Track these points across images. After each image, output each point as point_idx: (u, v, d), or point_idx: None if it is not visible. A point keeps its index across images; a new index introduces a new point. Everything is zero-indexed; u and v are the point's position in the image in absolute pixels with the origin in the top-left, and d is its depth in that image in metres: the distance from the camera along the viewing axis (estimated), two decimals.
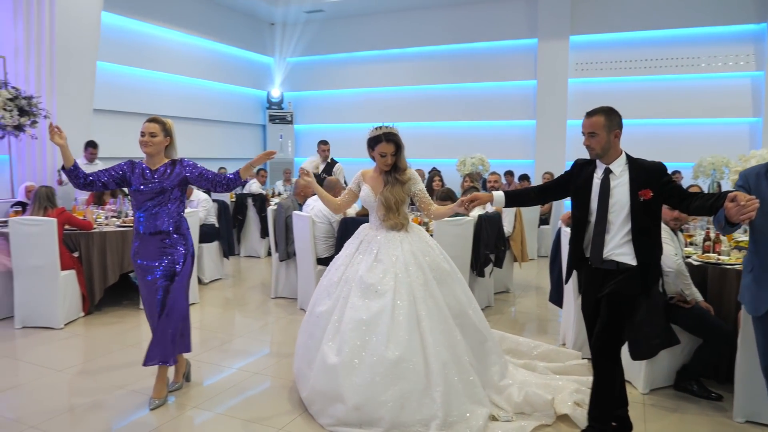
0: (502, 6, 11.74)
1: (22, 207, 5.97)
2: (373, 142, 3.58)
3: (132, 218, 6.19)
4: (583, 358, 4.07)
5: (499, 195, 3.25)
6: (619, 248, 2.88)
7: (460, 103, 12.34)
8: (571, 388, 3.53)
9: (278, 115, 13.70)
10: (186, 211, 5.95)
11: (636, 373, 3.84)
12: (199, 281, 6.48)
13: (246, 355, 4.57)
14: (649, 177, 2.84)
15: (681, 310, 3.72)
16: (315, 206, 5.67)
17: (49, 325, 5.12)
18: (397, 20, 12.70)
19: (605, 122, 2.89)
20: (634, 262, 2.86)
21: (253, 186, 9.46)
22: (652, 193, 2.80)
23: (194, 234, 5.99)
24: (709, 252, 4.28)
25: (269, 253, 8.61)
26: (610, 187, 2.89)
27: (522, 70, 11.73)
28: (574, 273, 3.25)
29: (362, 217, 5.01)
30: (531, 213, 7.75)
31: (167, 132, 3.64)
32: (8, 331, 5.07)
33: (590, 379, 3.41)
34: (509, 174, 10.32)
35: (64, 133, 3.47)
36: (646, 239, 2.85)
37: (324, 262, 5.44)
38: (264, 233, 8.74)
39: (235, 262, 8.46)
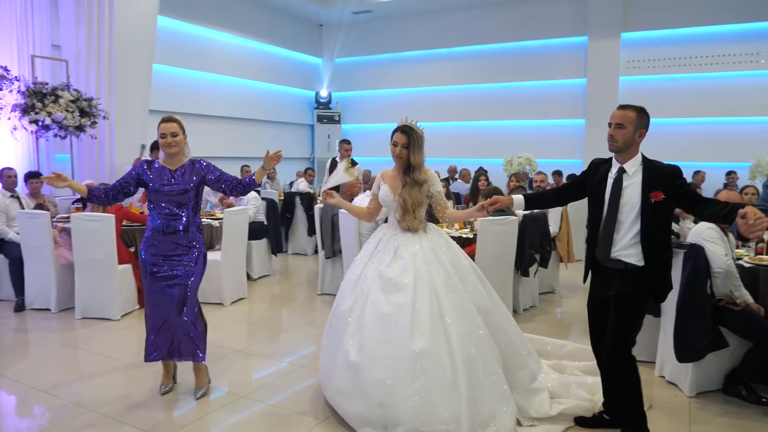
0: (550, 4, 11.60)
1: (82, 204, 6.25)
2: (392, 133, 3.60)
3: None
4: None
5: (518, 198, 3.26)
6: (627, 248, 2.87)
7: (507, 102, 12.26)
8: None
9: (326, 114, 13.90)
10: (236, 208, 6.16)
11: (682, 376, 3.76)
12: (248, 277, 6.66)
13: (292, 349, 4.68)
14: (663, 179, 2.82)
15: (730, 312, 3.62)
16: (362, 205, 5.74)
17: (107, 317, 5.37)
18: (445, 20, 12.70)
19: (635, 118, 2.89)
20: (642, 263, 2.85)
21: (301, 185, 9.63)
22: (664, 196, 2.79)
23: (244, 231, 6.18)
24: (762, 254, 4.15)
25: (316, 251, 8.74)
26: (622, 187, 2.89)
27: (571, 69, 11.57)
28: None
29: None
30: (578, 213, 7.64)
31: (184, 130, 3.61)
32: (69, 321, 5.35)
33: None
34: (557, 174, 10.17)
35: (66, 179, 3.40)
36: (654, 241, 2.83)
37: None
38: (311, 231, 8.89)
39: (283, 259, 8.63)
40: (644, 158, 2.93)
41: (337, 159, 7.33)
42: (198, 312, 3.70)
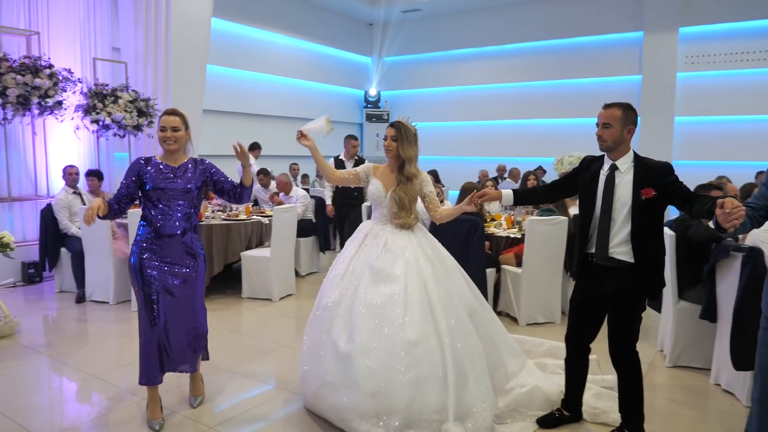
0: None
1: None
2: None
3: (237, 211, 6.58)
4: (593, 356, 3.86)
5: (507, 193, 3.31)
6: (620, 246, 2.88)
7: (559, 100, 12.02)
8: (592, 391, 3.49)
9: (375, 113, 13.95)
10: (285, 206, 6.27)
11: (740, 384, 3.61)
12: (296, 274, 6.77)
13: None
14: (654, 176, 2.83)
15: None
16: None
17: None
18: (495, 17, 12.56)
19: (621, 116, 2.88)
20: (633, 261, 2.87)
21: None
22: (654, 193, 2.80)
23: (292, 229, 6.28)
24: None
25: None
26: (614, 184, 2.90)
27: (625, 65, 11.25)
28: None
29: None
30: None
31: (187, 124, 3.33)
32: (126, 313, 5.56)
33: (604, 377, 3.64)
34: None
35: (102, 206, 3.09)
36: (645, 238, 2.84)
37: None
38: None
39: (331, 257, 8.71)
40: (636, 155, 2.93)
41: (342, 157, 6.82)
42: (205, 322, 3.49)
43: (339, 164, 6.03)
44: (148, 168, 3.24)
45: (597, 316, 3.08)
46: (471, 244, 5.04)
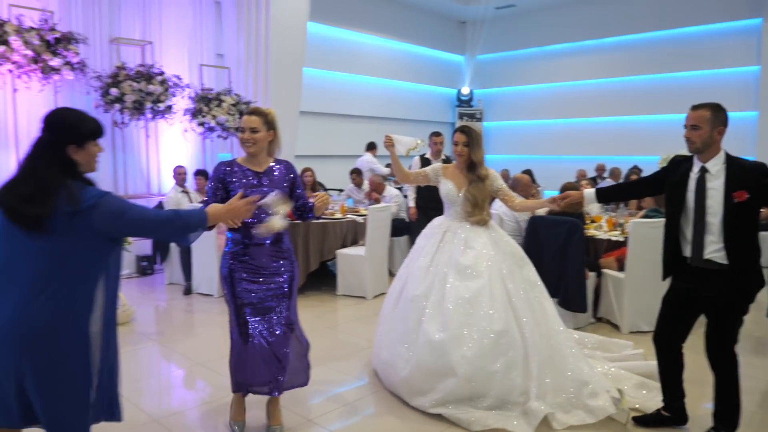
0: None
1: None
2: (452, 133, 3.81)
3: (333, 210, 6.71)
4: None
5: (589, 192, 3.35)
6: (715, 249, 2.82)
7: (664, 95, 11.36)
8: (634, 381, 3.65)
9: (468, 112, 13.83)
10: (379, 205, 6.33)
11: None
12: (390, 273, 6.81)
13: None
14: (747, 178, 2.75)
15: None
16: (503, 205, 5.64)
17: None
18: (594, 9, 12.07)
19: (710, 117, 2.82)
20: (728, 263, 2.81)
21: None
22: (748, 195, 2.72)
23: (386, 228, 6.33)
24: None
25: None
26: (706, 188, 2.85)
27: (741, 55, 10.45)
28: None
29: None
30: None
31: (270, 125, 3.05)
32: (224, 306, 5.81)
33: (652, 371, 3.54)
34: None
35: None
36: (738, 241, 2.78)
37: None
38: None
39: None
40: (728, 156, 2.86)
41: (428, 156, 6.33)
42: (301, 334, 3.29)
43: (425, 163, 5.95)
44: (233, 173, 3.00)
45: (689, 317, 3.06)
46: (570, 246, 4.86)
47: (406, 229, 7.47)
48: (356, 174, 8.29)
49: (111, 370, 2.22)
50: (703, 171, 2.86)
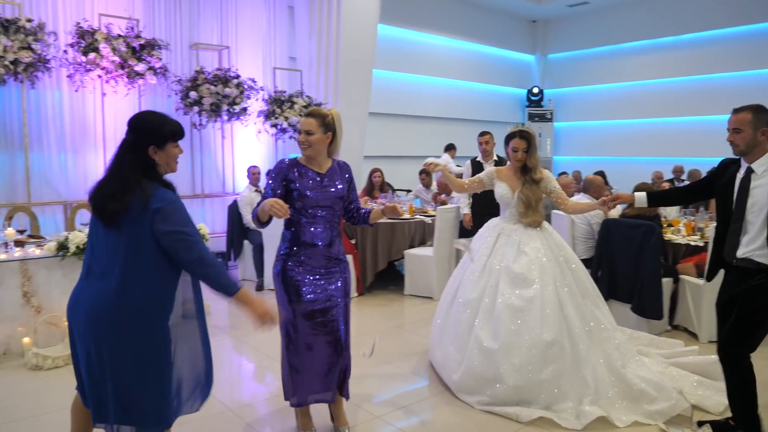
0: None
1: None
2: (507, 139, 3.80)
3: (401, 210, 6.74)
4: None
5: (641, 195, 3.35)
6: (760, 249, 2.82)
7: (747, 93, 10.69)
8: (693, 380, 3.62)
9: (537, 113, 13.57)
10: (448, 206, 6.32)
11: None
12: None
13: None
14: None
15: None
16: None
17: None
18: (673, 4, 11.58)
19: (752, 119, 2.86)
20: None
21: None
22: None
23: (454, 228, 6.31)
24: None
25: None
26: (749, 187, 2.87)
27: None
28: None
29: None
30: None
31: (328, 126, 2.92)
32: None
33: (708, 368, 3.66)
34: None
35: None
36: None
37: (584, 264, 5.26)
38: None
39: None
40: None
41: (479, 159, 6.00)
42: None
43: (477, 166, 5.78)
44: (296, 172, 2.92)
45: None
46: (645, 250, 4.70)
47: (472, 230, 7.42)
48: (425, 174, 8.31)
49: (193, 364, 2.33)
50: (749, 171, 2.89)
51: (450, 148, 9.73)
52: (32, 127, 6.32)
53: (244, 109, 7.40)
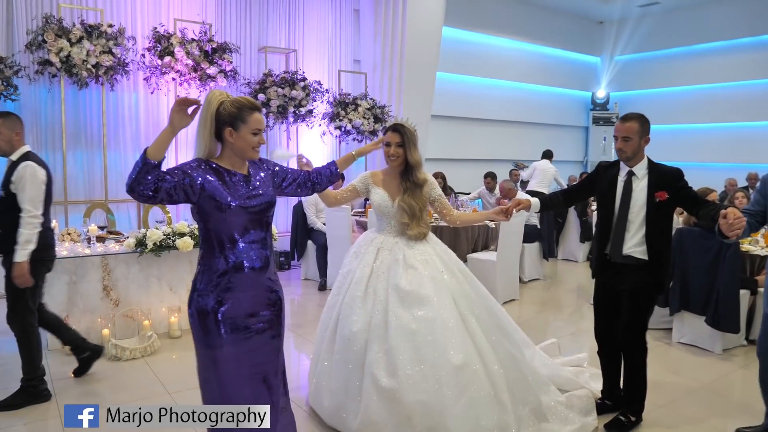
0: None
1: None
2: (384, 133, 3.34)
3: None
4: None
5: (534, 201, 3.36)
6: (638, 245, 3.09)
7: None
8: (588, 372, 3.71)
9: (602, 116, 13.24)
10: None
11: None
12: (520, 280, 6.71)
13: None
14: (666, 181, 3.05)
15: None
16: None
17: None
18: (749, 4, 11.06)
19: (639, 128, 3.06)
20: (647, 258, 3.08)
21: None
22: (668, 195, 3.01)
23: (519, 234, 6.23)
24: None
25: (587, 258, 8.42)
26: (632, 189, 3.11)
27: None
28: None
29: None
30: None
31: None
32: None
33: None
34: None
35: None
36: (658, 238, 3.08)
37: None
38: (583, 237, 8.58)
39: (553, 264, 8.48)
40: (650, 161, 3.15)
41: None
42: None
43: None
44: (222, 179, 2.18)
45: (620, 310, 3.26)
46: (722, 261, 4.51)
47: (537, 236, 7.32)
48: (490, 178, 8.25)
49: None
50: (630, 174, 3.14)
51: (549, 155, 9.56)
52: (110, 128, 6.63)
53: (310, 111, 7.53)
